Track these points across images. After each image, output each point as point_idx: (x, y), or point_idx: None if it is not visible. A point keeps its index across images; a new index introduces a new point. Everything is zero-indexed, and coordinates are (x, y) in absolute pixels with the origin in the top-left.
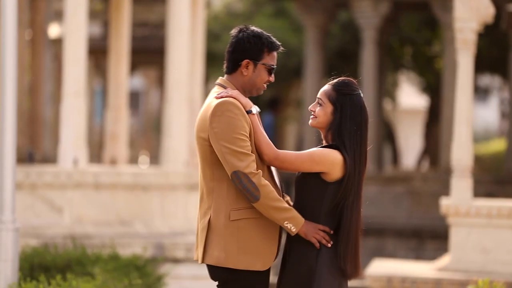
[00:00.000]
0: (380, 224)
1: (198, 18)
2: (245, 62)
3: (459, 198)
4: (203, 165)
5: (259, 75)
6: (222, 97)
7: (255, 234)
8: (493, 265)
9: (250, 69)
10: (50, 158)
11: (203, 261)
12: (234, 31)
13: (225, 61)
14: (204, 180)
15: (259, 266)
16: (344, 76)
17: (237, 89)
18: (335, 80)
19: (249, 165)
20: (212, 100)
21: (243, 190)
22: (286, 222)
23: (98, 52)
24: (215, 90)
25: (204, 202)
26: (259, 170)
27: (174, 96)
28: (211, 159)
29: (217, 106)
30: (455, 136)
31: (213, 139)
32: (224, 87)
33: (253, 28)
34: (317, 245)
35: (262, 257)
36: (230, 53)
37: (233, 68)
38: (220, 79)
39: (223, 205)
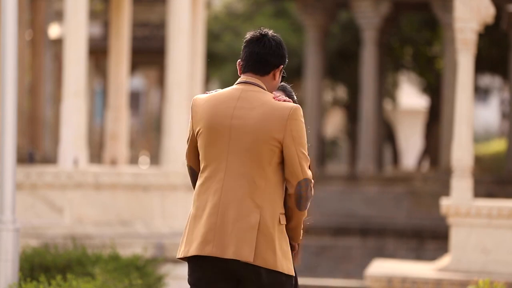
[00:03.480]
0: (380, 224)
1: (198, 18)
2: (281, 67)
3: (459, 198)
4: (259, 164)
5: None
6: (286, 101)
7: (287, 240)
8: (494, 265)
9: (279, 75)
10: (50, 158)
11: (254, 262)
12: (255, 34)
13: (255, 62)
14: (255, 178)
15: (293, 272)
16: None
17: None
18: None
19: (311, 175)
20: (275, 102)
21: (302, 197)
22: (302, 231)
23: (98, 52)
24: (253, 89)
25: (247, 200)
26: None
27: (174, 96)
28: (273, 161)
29: (296, 111)
30: (455, 136)
31: (290, 143)
32: (261, 87)
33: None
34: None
35: (292, 263)
36: (268, 56)
37: (266, 71)
38: (253, 78)
39: (275, 208)
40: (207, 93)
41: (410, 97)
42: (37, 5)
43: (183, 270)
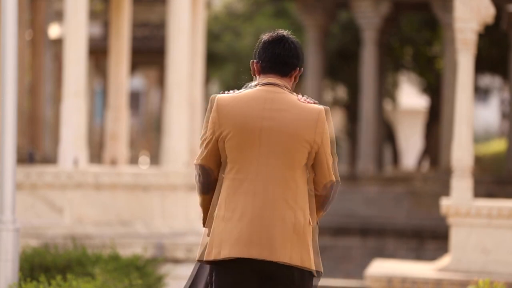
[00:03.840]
0: (380, 224)
1: (198, 19)
2: (298, 69)
3: (459, 198)
4: (290, 165)
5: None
6: (315, 104)
7: (316, 239)
8: (494, 266)
9: (297, 77)
10: (51, 158)
11: (294, 262)
12: (274, 35)
13: (277, 63)
14: (287, 179)
15: (322, 268)
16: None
17: None
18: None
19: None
20: (304, 104)
21: (328, 199)
22: None
23: (98, 52)
24: (278, 91)
25: (281, 201)
26: None
27: (174, 96)
28: (302, 162)
29: (326, 113)
30: (455, 136)
31: (320, 145)
32: (286, 88)
33: None
34: None
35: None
36: (288, 57)
37: (286, 73)
38: (277, 80)
39: (305, 208)
40: (227, 93)
41: (410, 97)
42: (37, 5)
43: (183, 270)
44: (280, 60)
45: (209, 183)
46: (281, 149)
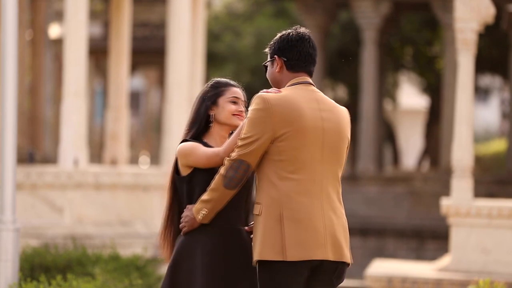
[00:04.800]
0: (380, 224)
1: (199, 19)
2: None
3: (459, 198)
4: (341, 165)
5: None
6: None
7: None
8: (494, 266)
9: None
10: (51, 158)
11: (348, 260)
12: (301, 33)
13: (309, 63)
14: (339, 178)
15: None
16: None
17: None
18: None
19: None
20: (335, 103)
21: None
22: None
23: (98, 52)
24: (316, 91)
25: (337, 201)
26: None
27: (174, 96)
28: (345, 161)
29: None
30: (455, 136)
31: (349, 143)
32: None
33: None
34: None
35: None
36: (315, 57)
37: (313, 72)
38: (309, 79)
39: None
40: (269, 93)
41: (410, 97)
42: (37, 5)
43: None
44: (310, 59)
45: (243, 179)
46: (335, 149)
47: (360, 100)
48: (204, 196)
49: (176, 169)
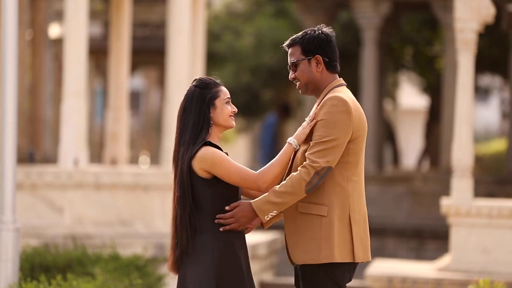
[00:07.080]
0: (380, 224)
1: (199, 18)
2: None
3: (459, 198)
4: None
5: None
6: None
7: None
8: (494, 265)
9: None
10: (51, 158)
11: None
12: (329, 31)
13: (336, 62)
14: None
15: None
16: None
17: None
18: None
19: None
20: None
21: None
22: None
23: (98, 52)
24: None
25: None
26: None
27: (174, 96)
28: None
29: None
30: (455, 136)
31: None
32: None
33: None
34: None
35: None
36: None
37: None
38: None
39: None
40: (341, 95)
41: (410, 97)
42: (37, 5)
43: None
44: (336, 58)
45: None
46: (363, 149)
47: (360, 100)
48: (275, 198)
49: (189, 169)
